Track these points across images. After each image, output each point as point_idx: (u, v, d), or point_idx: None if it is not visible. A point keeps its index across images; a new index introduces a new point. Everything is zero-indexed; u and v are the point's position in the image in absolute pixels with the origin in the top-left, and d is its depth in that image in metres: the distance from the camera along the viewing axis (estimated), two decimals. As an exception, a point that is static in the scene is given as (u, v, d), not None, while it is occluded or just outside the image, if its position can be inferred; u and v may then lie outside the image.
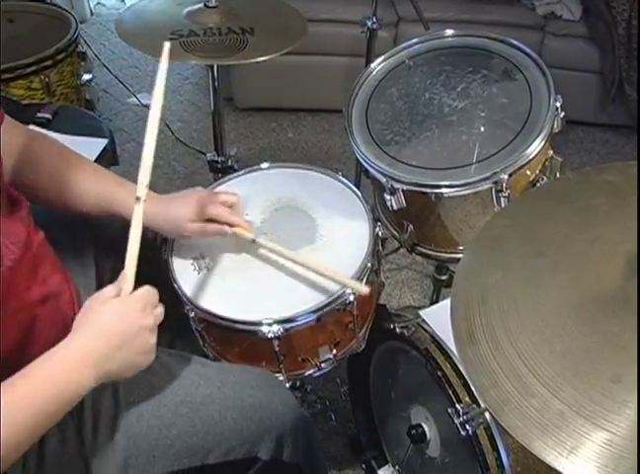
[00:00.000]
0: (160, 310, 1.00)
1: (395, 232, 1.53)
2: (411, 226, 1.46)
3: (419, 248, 1.50)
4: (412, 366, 1.36)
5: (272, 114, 3.17)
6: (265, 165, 1.49)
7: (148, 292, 0.99)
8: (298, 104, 3.18)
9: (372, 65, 1.55)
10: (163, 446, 1.06)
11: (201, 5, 1.60)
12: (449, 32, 1.55)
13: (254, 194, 1.42)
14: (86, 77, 2.48)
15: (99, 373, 0.92)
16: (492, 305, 0.89)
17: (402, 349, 1.38)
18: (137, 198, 1.03)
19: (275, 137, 3.05)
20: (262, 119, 3.15)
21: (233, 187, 1.45)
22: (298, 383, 1.73)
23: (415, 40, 1.57)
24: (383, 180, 1.36)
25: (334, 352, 1.31)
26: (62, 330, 1.00)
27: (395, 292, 2.33)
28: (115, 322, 0.94)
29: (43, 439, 0.99)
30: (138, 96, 3.08)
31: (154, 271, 1.17)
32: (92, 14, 3.94)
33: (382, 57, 1.57)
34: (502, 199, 1.30)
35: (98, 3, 4.00)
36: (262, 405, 1.12)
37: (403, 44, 1.57)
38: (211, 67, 1.72)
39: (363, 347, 1.37)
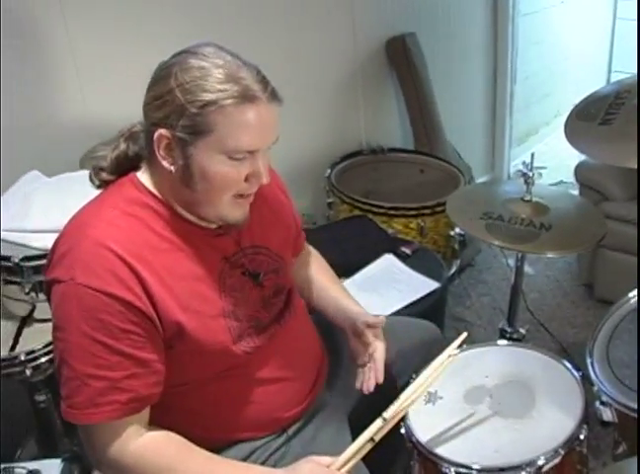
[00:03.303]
0: None
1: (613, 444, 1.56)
2: (624, 445, 1.49)
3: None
4: None
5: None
6: (503, 342, 1.70)
7: None
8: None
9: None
10: None
11: (519, 197, 1.88)
12: None
13: (501, 362, 1.62)
14: (457, 231, 2.79)
15: None
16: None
17: None
18: (384, 419, 1.30)
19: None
20: (610, 317, 3.11)
21: (492, 352, 1.67)
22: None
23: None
24: (595, 388, 1.45)
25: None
26: (288, 406, 1.41)
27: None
28: None
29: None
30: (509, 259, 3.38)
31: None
32: (509, 177, 4.34)
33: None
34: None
35: (518, 170, 4.39)
36: None
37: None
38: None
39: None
